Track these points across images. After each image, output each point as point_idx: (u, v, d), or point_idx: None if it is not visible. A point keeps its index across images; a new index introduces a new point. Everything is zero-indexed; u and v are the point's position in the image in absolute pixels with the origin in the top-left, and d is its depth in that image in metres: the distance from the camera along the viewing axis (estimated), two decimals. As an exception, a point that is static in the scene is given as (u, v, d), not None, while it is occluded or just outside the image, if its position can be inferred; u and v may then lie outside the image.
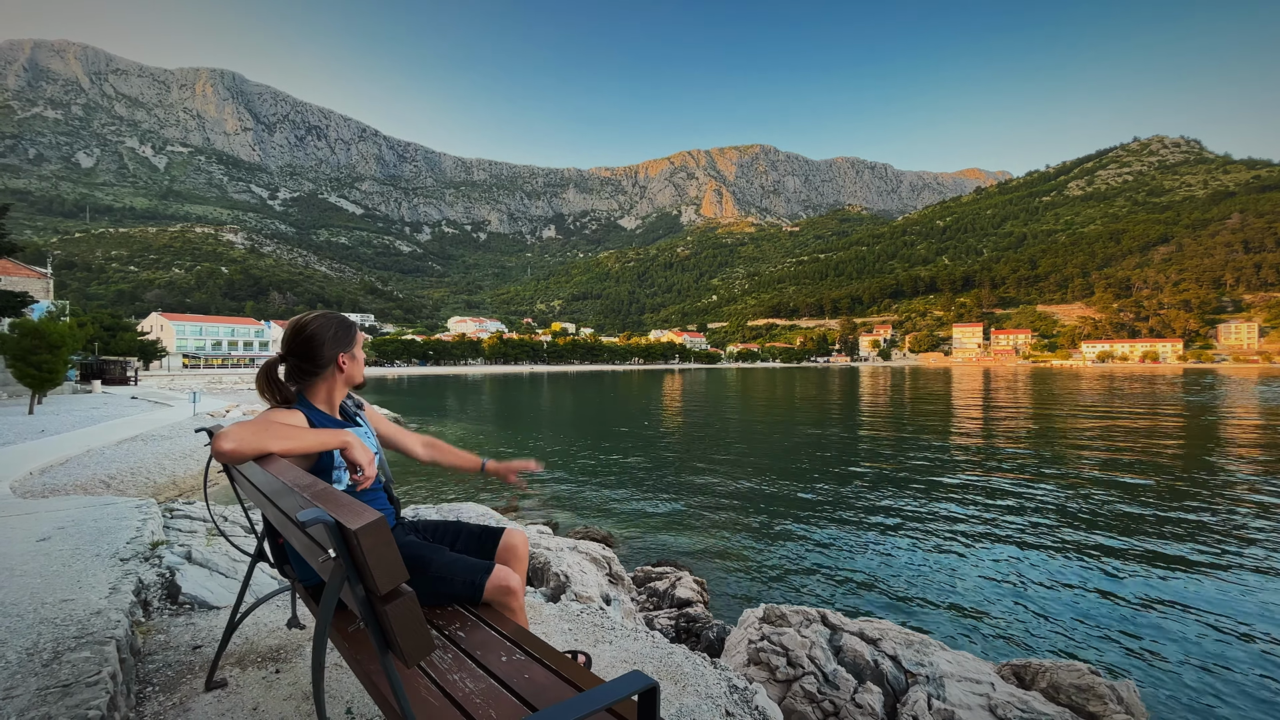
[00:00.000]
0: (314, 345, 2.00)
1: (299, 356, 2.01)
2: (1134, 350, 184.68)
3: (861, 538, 8.37)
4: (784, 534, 8.62)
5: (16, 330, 17.88)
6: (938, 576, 6.86)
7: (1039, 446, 16.77)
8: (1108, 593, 6.32)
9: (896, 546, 7.96)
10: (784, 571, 7.17)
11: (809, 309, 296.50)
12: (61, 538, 3.80)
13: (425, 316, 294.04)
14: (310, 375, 2.04)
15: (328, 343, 2.02)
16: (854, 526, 8.93)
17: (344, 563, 1.22)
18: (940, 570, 7.05)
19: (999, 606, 6.03)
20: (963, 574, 6.92)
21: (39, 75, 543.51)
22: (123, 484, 9.12)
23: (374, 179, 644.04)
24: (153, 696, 2.22)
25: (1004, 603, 6.12)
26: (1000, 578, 6.79)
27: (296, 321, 2.05)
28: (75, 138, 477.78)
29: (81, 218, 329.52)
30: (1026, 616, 5.81)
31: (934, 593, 6.42)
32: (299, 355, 2.01)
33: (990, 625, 5.63)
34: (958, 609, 5.99)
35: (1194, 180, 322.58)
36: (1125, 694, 3.44)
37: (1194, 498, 10.40)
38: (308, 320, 2.04)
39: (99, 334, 46.63)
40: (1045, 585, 6.55)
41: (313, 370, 2.03)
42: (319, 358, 2.02)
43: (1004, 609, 5.98)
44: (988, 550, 7.73)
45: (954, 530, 8.62)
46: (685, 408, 32.98)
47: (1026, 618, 5.78)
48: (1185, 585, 6.50)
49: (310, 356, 2.01)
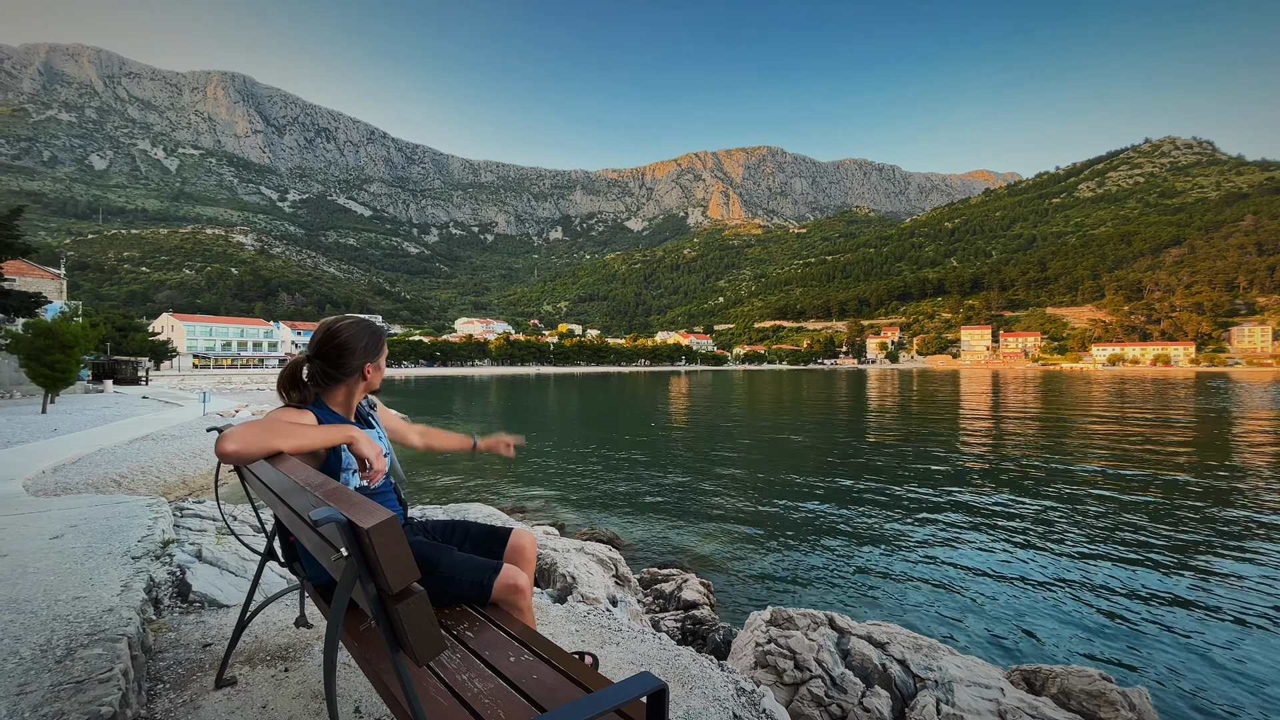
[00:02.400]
0: (344, 353, 1.99)
1: (327, 361, 2.00)
2: (1145, 353, 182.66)
3: (868, 541, 8.32)
4: (790, 536, 8.59)
5: (30, 330, 18.11)
6: (946, 580, 6.81)
7: (1049, 450, 16.62)
8: (1120, 598, 6.25)
9: (904, 550, 7.91)
10: (790, 574, 7.14)
11: (816, 311, 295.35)
12: (74, 535, 3.84)
13: (432, 317, 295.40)
14: (334, 381, 2.03)
15: (358, 352, 2.01)
16: (861, 529, 8.88)
17: (356, 561, 1.22)
18: (949, 574, 7.00)
19: (1008, 611, 5.97)
20: (971, 578, 6.87)
21: (54, 79, 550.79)
22: (134, 483, 9.20)
23: (382, 181, 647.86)
24: (164, 694, 2.25)
25: (1014, 607, 6.06)
26: (1010, 582, 6.72)
27: (329, 326, 2.03)
28: (89, 140, 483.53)
29: (94, 219, 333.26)
30: (1036, 621, 5.74)
31: (942, 597, 6.36)
32: (327, 360, 2.00)
33: (1000, 630, 5.58)
34: (966, 613, 5.94)
35: (1207, 182, 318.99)
36: (1138, 701, 3.40)
37: (1207, 503, 10.27)
38: (341, 326, 2.02)
39: (111, 334, 47.08)
40: (1055, 590, 6.48)
41: (338, 377, 2.02)
42: (347, 366, 2.01)
43: (1013, 613, 5.91)
44: (997, 554, 7.67)
45: (962, 534, 8.56)
46: (691, 409, 32.94)
47: (1036, 622, 5.72)
48: (1199, 591, 6.41)
49: (338, 364, 2.00)
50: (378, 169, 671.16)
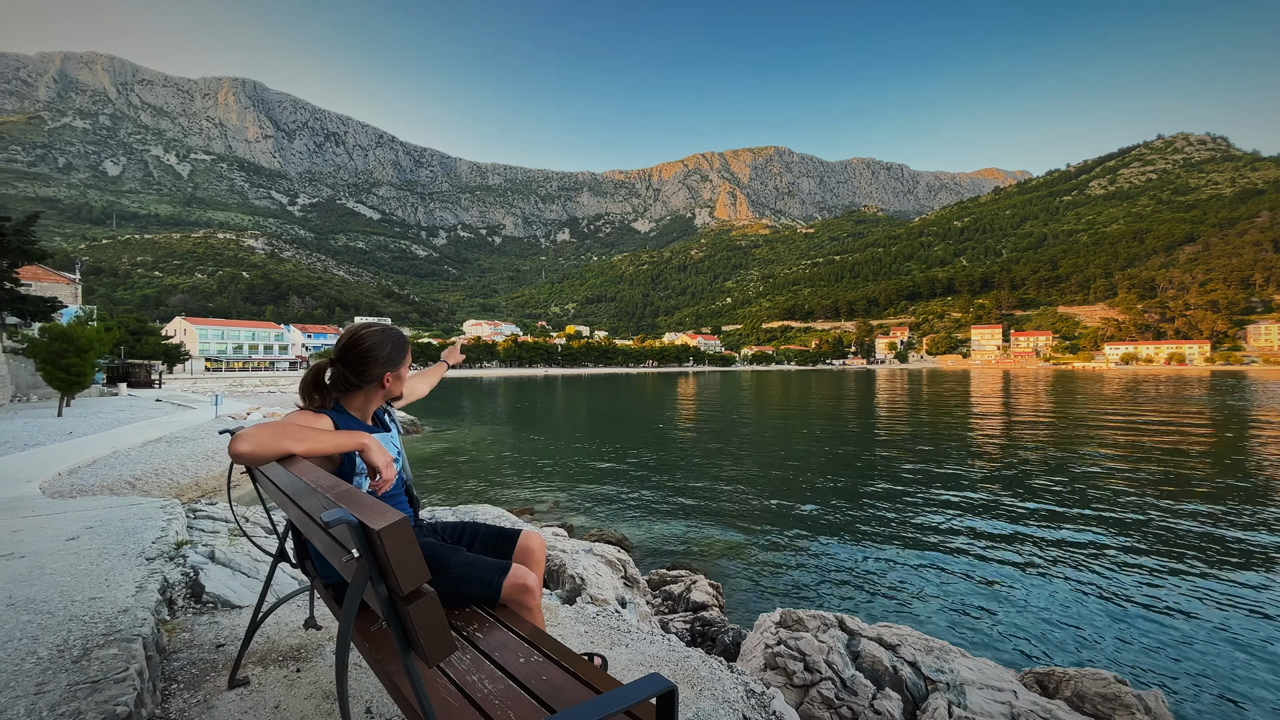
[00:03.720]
0: (365, 361, 2.00)
1: (348, 366, 2.01)
2: (1159, 352, 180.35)
3: (878, 542, 8.27)
4: (799, 538, 8.55)
5: (46, 334, 18.39)
6: (958, 582, 6.75)
7: (1062, 450, 16.45)
8: (1134, 600, 6.18)
9: (915, 551, 7.85)
10: (799, 576, 7.11)
11: (824, 311, 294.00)
12: (89, 537, 3.89)
13: (441, 320, 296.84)
14: (353, 387, 2.05)
15: (379, 361, 2.02)
16: (871, 531, 8.83)
17: (367, 562, 1.23)
18: (960, 576, 6.94)
19: (1021, 613, 5.92)
20: (984, 580, 6.81)
21: (68, 86, 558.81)
22: (148, 485, 9.31)
23: (391, 184, 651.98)
24: (178, 693, 2.27)
25: (1026, 609, 6.00)
26: (1022, 584, 6.66)
27: (354, 332, 2.04)
28: (103, 147, 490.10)
29: (108, 224, 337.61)
30: (1049, 623, 5.69)
31: (954, 598, 6.31)
32: (348, 366, 2.01)
33: (1012, 631, 5.52)
34: (979, 615, 5.89)
35: (1221, 178, 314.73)
36: (1153, 704, 3.36)
37: (1224, 503, 10.13)
38: (365, 334, 2.03)
39: (125, 338, 47.70)
40: (1069, 591, 6.41)
41: (357, 384, 2.03)
42: (366, 374, 2.02)
43: (1026, 615, 5.86)
44: (1009, 556, 7.60)
45: (974, 535, 8.49)
46: (699, 410, 32.89)
47: (1049, 624, 5.66)
48: (1216, 591, 6.32)
49: (359, 371, 2.01)
50: (386, 173, 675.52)
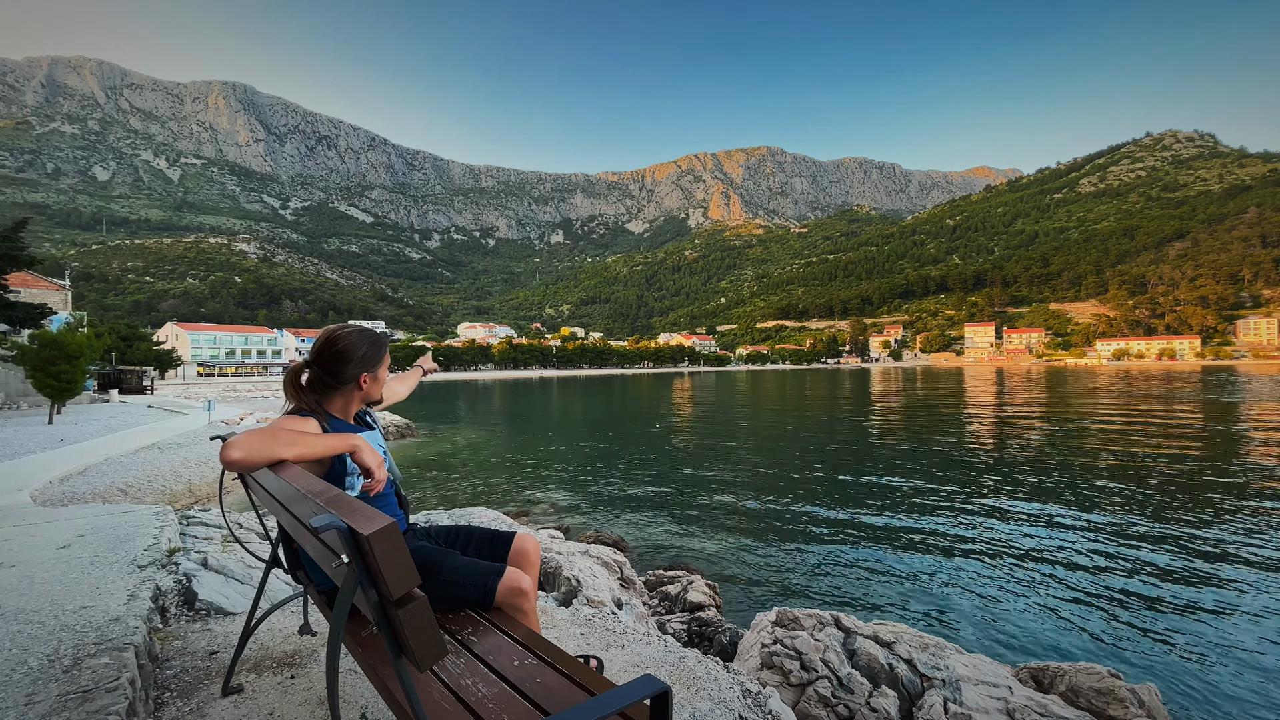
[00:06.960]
0: (339, 362, 1.98)
1: (323, 368, 1.99)
2: (1150, 348, 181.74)
3: (874, 541, 8.30)
4: (795, 537, 8.56)
5: (36, 341, 18.23)
6: (953, 579, 6.78)
7: (1055, 447, 16.56)
8: (1128, 594, 6.22)
9: (909, 549, 7.88)
10: (796, 575, 7.12)
11: (818, 310, 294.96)
12: (81, 545, 3.85)
13: (435, 322, 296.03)
14: (329, 389, 2.02)
15: (354, 362, 1.99)
16: (866, 529, 8.85)
17: (357, 568, 1.23)
18: (956, 573, 6.97)
19: (1015, 609, 5.95)
20: (978, 576, 6.84)
21: (56, 91, 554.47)
22: (140, 492, 9.24)
23: (383, 187, 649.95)
24: (170, 702, 2.25)
25: (1021, 605, 6.03)
26: (1017, 580, 6.69)
27: (329, 334, 2.02)
28: (92, 152, 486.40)
29: (98, 230, 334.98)
30: (1044, 619, 5.72)
31: (949, 595, 6.34)
32: (324, 367, 1.99)
33: (1007, 628, 5.55)
34: (974, 611, 5.91)
35: (1209, 174, 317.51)
36: (1147, 697, 3.38)
37: (1218, 498, 10.21)
38: (341, 334, 2.01)
39: (116, 344, 47.35)
40: (1063, 587, 6.45)
41: (333, 385, 2.01)
42: (341, 375, 1.99)
43: (1021, 611, 5.89)
44: (1004, 552, 7.64)
45: (969, 533, 8.53)
46: (695, 411, 32.91)
47: (1044, 620, 5.69)
48: (1208, 586, 6.37)
49: (333, 372, 1.99)
50: (379, 175, 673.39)
